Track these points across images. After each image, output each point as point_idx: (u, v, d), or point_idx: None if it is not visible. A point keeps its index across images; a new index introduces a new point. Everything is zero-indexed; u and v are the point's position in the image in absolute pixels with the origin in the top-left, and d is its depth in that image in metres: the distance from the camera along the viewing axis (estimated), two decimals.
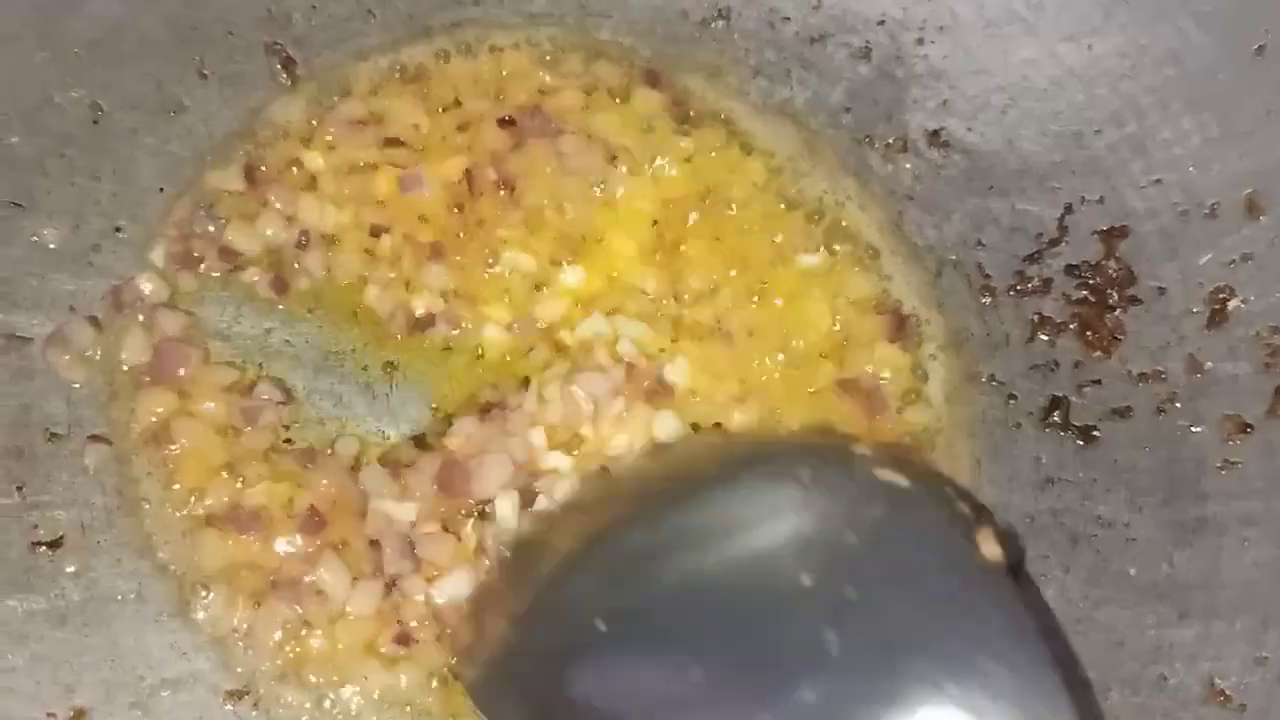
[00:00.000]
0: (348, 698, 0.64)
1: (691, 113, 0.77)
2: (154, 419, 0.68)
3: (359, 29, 0.78)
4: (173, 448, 0.67)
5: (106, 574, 0.65)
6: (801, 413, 0.70)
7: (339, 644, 0.64)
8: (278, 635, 0.64)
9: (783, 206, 0.76)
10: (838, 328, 0.73)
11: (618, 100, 0.77)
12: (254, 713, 0.64)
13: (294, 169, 0.74)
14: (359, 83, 0.77)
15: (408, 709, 0.64)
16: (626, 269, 0.73)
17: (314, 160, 0.74)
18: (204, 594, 0.65)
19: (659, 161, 0.75)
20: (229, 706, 0.64)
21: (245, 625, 0.65)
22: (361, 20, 0.78)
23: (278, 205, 0.73)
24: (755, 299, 0.73)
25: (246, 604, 0.65)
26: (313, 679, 0.64)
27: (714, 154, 0.76)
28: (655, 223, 0.74)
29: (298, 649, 0.64)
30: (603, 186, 0.74)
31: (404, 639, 0.64)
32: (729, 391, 0.70)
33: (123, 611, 0.65)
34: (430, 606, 0.65)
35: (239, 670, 0.64)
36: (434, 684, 0.64)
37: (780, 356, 0.71)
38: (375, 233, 0.73)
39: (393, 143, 0.74)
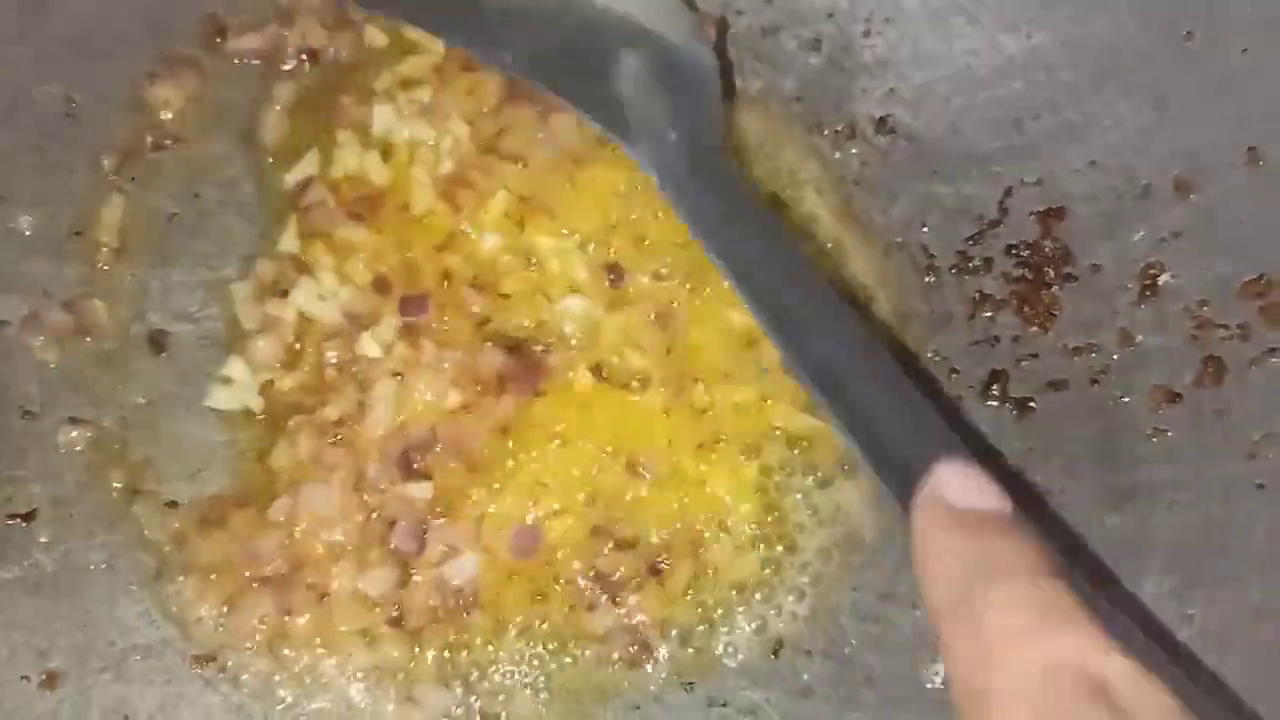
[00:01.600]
0: (324, 667, 0.67)
1: None
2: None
3: None
4: None
5: (78, 545, 0.68)
6: (743, 388, 0.72)
7: (333, 625, 0.67)
8: (254, 623, 0.67)
9: None
10: None
11: None
12: (221, 676, 0.66)
13: None
14: None
15: (397, 678, 0.66)
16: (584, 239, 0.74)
17: None
18: (180, 577, 0.68)
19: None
20: (197, 671, 0.66)
21: (219, 615, 0.67)
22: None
23: None
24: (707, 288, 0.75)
25: (218, 602, 0.67)
26: (287, 651, 0.67)
27: None
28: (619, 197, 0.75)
29: (276, 631, 0.67)
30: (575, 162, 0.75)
31: (395, 623, 0.67)
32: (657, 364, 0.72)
33: (94, 580, 0.67)
34: (443, 590, 0.67)
35: (209, 641, 0.67)
36: (417, 649, 0.67)
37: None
38: None
39: None
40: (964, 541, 0.48)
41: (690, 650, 0.68)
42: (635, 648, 0.67)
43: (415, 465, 0.69)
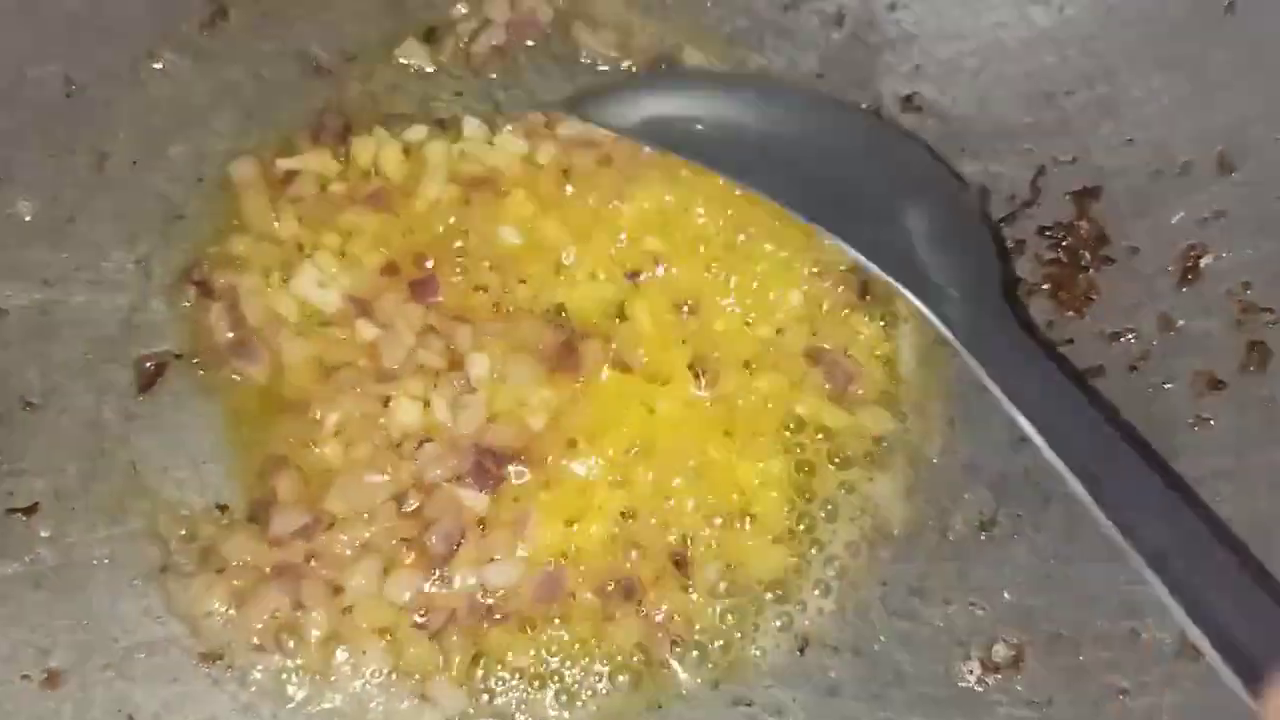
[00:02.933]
0: (336, 665, 0.64)
1: None
2: None
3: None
4: None
5: (81, 539, 0.66)
6: (769, 378, 0.70)
7: (351, 621, 0.64)
8: (266, 619, 0.64)
9: None
10: (805, 300, 0.72)
11: None
12: (229, 674, 0.64)
13: None
14: None
15: (413, 678, 0.64)
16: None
17: None
18: (188, 571, 0.65)
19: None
20: (204, 669, 0.64)
21: (229, 610, 0.65)
22: None
23: None
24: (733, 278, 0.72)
25: (227, 596, 0.65)
26: (298, 648, 0.64)
27: None
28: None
29: (288, 628, 0.64)
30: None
31: (422, 626, 0.64)
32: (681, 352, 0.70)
33: (96, 576, 0.65)
34: (475, 594, 0.65)
35: (217, 638, 0.65)
36: (437, 650, 0.64)
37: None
38: None
39: None
40: None
41: (715, 648, 0.66)
42: (660, 647, 0.65)
43: (486, 470, 0.66)
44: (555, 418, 0.67)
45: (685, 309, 0.71)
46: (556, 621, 0.65)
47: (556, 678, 0.64)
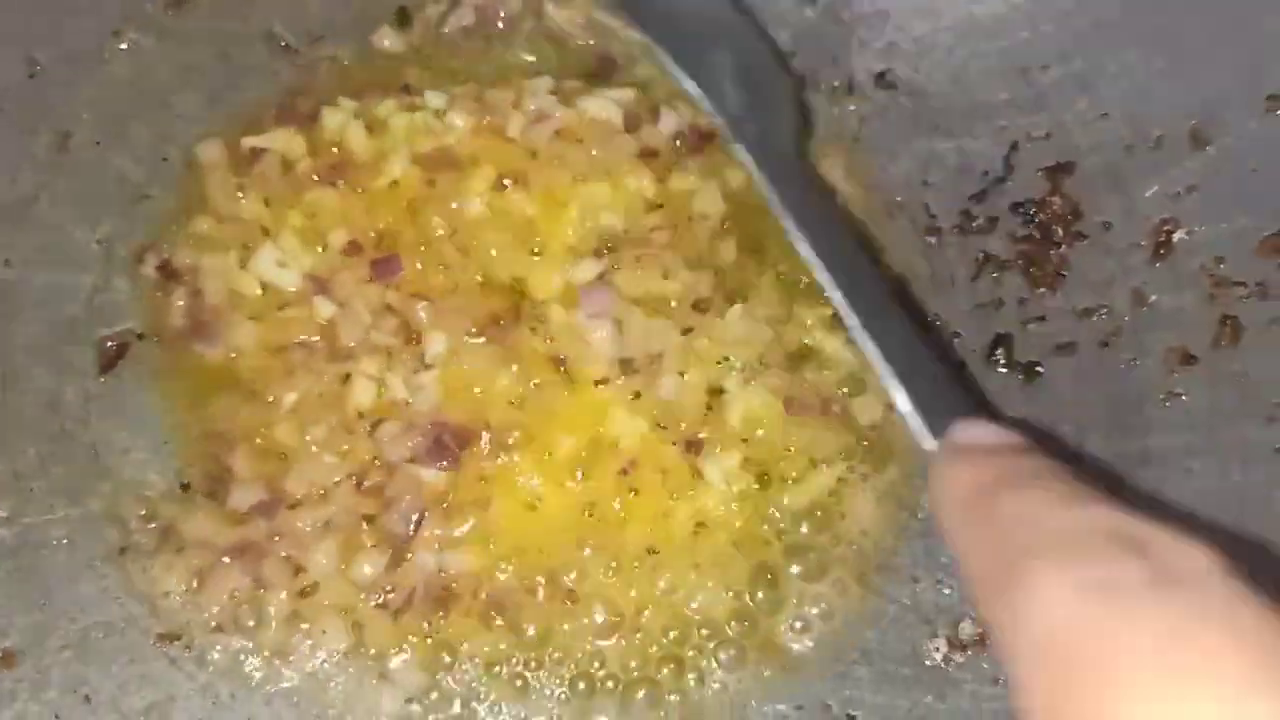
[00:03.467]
0: (296, 644, 0.64)
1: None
2: None
3: None
4: None
5: (39, 520, 0.65)
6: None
7: (310, 600, 0.64)
8: (225, 599, 0.64)
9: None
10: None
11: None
12: (187, 654, 0.63)
13: None
14: None
15: (373, 656, 0.63)
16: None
17: None
18: (147, 551, 0.65)
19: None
20: (162, 649, 0.63)
21: (188, 591, 0.64)
22: None
23: None
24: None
25: (187, 577, 0.64)
26: (257, 627, 0.64)
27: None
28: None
29: (247, 607, 0.64)
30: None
31: (385, 605, 0.64)
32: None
33: (55, 557, 0.65)
34: (432, 577, 0.64)
35: (175, 618, 0.64)
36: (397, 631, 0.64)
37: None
38: None
39: None
40: (978, 466, 0.47)
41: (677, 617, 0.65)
42: (616, 622, 0.64)
43: (445, 446, 0.65)
44: (518, 397, 0.66)
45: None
46: (514, 609, 0.64)
47: (516, 661, 0.64)
